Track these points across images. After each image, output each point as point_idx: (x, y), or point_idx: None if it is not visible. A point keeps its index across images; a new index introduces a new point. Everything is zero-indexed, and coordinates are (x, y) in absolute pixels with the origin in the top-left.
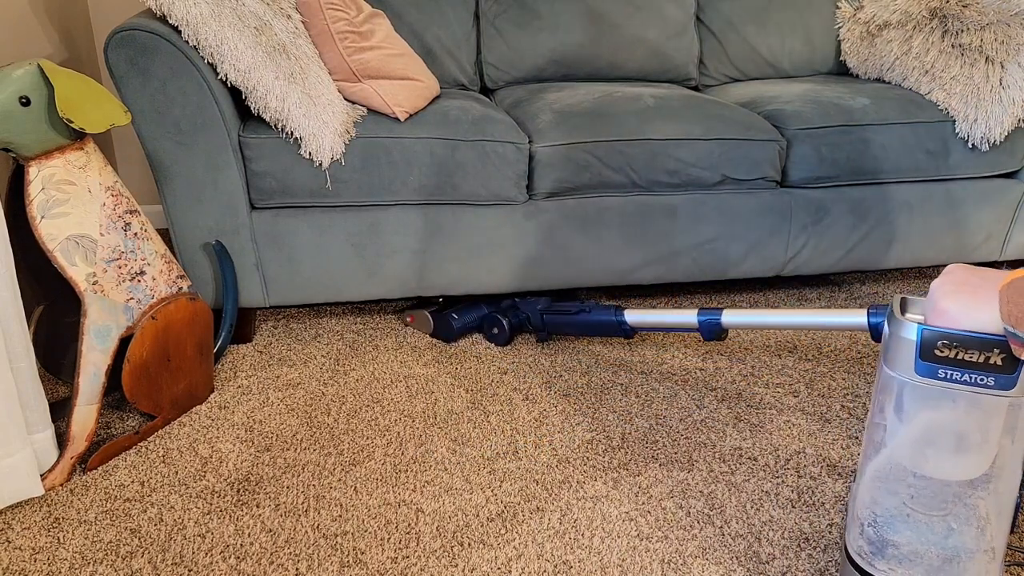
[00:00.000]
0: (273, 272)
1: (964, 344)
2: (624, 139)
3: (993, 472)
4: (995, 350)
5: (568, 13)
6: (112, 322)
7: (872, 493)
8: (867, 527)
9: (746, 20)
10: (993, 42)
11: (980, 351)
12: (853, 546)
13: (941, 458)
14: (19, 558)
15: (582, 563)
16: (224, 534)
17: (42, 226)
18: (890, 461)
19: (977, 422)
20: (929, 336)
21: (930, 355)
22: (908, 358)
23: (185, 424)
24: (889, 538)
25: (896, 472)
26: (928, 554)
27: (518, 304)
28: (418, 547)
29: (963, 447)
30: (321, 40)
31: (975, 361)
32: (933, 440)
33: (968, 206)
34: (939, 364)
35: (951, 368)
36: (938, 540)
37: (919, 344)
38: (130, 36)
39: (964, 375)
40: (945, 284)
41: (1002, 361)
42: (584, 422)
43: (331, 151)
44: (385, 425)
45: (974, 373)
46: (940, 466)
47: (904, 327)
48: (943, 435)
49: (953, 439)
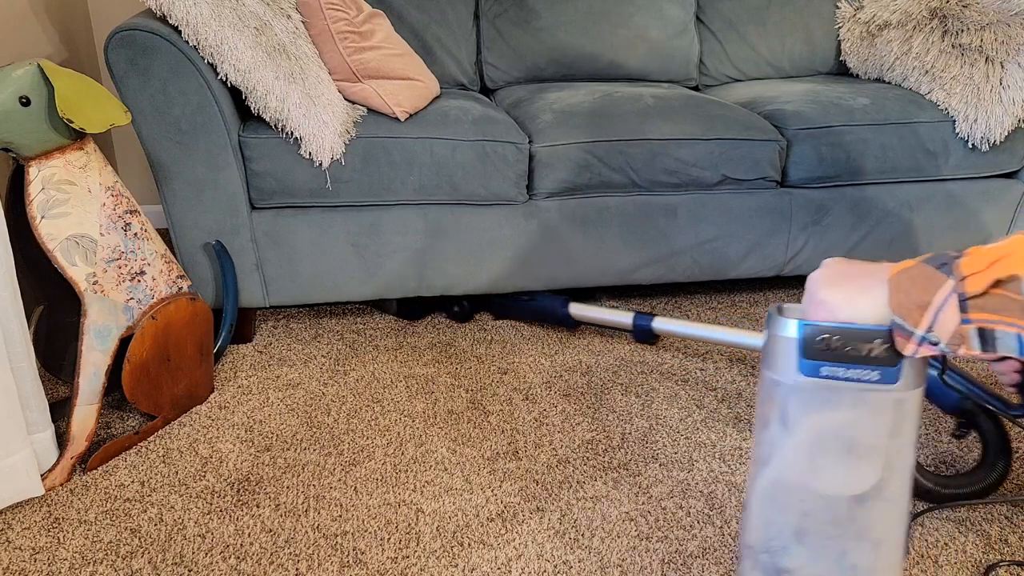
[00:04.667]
0: (273, 272)
1: (845, 337)
2: (624, 139)
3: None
4: (877, 341)
5: (568, 13)
6: (112, 322)
7: (762, 516)
8: (761, 555)
9: (746, 20)
10: (993, 42)
11: (862, 343)
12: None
13: (832, 470)
14: (19, 558)
15: (582, 563)
16: (224, 534)
17: (42, 226)
18: (778, 478)
19: (865, 425)
20: (810, 331)
21: (812, 351)
22: (790, 358)
23: (185, 424)
24: (784, 565)
25: (785, 489)
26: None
27: None
28: (418, 547)
29: (853, 455)
30: (321, 40)
31: (858, 355)
32: (822, 449)
33: (968, 206)
34: (822, 361)
35: (834, 364)
36: (835, 561)
37: (801, 341)
38: (130, 36)
39: (849, 370)
40: (823, 275)
41: (884, 353)
42: (584, 422)
43: (331, 151)
44: (385, 425)
45: (857, 368)
46: (832, 479)
47: (783, 324)
48: (832, 443)
49: (842, 447)
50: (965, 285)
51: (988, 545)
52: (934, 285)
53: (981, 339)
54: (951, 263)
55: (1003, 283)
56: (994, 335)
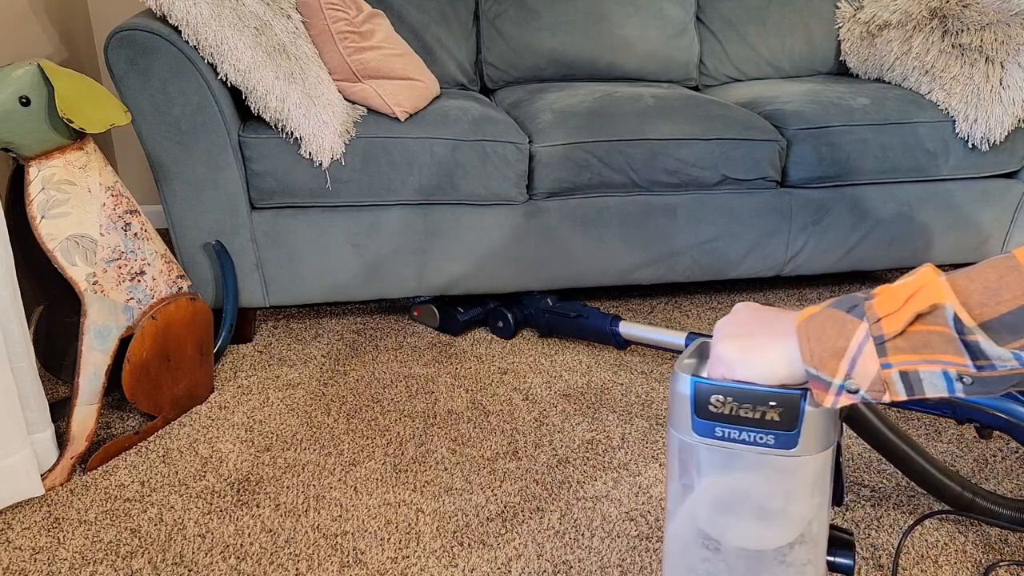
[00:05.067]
0: (273, 272)
1: (738, 398)
2: (624, 139)
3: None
4: (771, 404)
5: (568, 13)
6: (112, 322)
7: (673, 568)
8: None
9: (746, 20)
10: (993, 42)
11: (755, 406)
12: None
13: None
14: (19, 558)
15: (582, 563)
16: (224, 534)
17: (42, 226)
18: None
19: (763, 489)
20: (702, 389)
21: (704, 412)
22: (685, 415)
23: (185, 424)
24: None
25: (687, 545)
26: None
27: (523, 300)
28: (418, 547)
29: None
30: (321, 40)
31: (752, 417)
32: (719, 509)
33: (968, 206)
34: (715, 421)
35: (728, 426)
36: None
37: (692, 399)
38: (130, 36)
39: (743, 433)
40: (725, 325)
41: (780, 416)
42: (584, 422)
43: (331, 151)
44: (385, 425)
45: (753, 431)
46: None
47: (678, 380)
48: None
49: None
50: (882, 326)
51: (988, 545)
52: (848, 330)
53: (905, 383)
54: (862, 304)
55: (923, 316)
56: (918, 376)
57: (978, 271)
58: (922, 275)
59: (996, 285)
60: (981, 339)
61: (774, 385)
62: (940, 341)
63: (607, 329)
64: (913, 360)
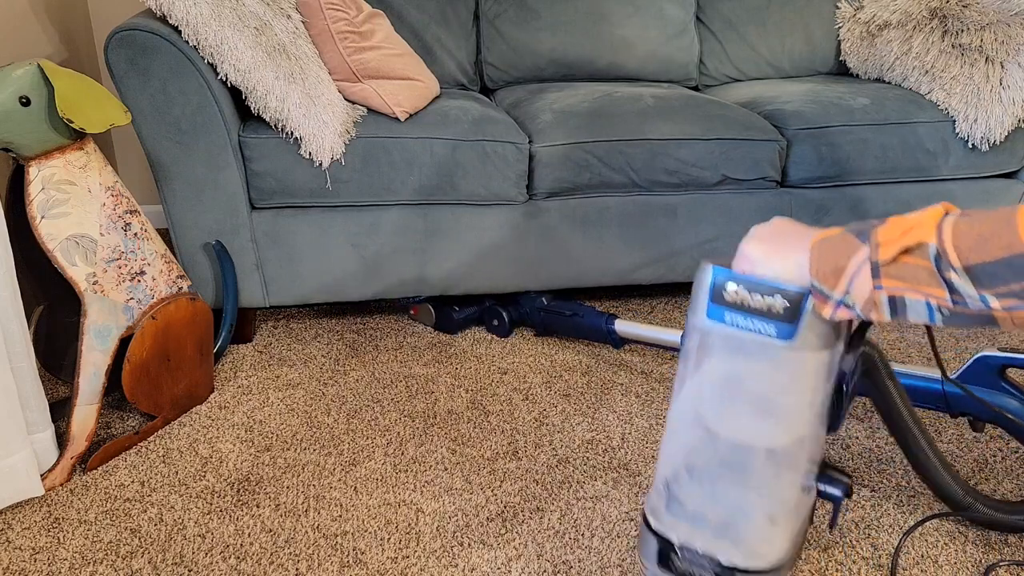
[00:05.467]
0: (273, 272)
1: (751, 288)
2: (624, 139)
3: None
4: (778, 297)
5: (568, 13)
6: (112, 322)
7: (669, 446)
8: (661, 485)
9: (746, 20)
10: (993, 42)
11: (764, 296)
12: (649, 505)
13: (723, 413)
14: (19, 558)
15: (582, 563)
16: (224, 534)
17: (42, 226)
18: (680, 411)
19: (758, 376)
20: (720, 278)
21: (719, 298)
22: (703, 301)
23: (185, 424)
24: (677, 494)
25: (684, 423)
26: (710, 514)
27: (519, 299)
28: (418, 547)
29: (745, 404)
30: (321, 40)
31: (759, 308)
32: (717, 392)
33: (968, 206)
34: (726, 307)
35: (737, 313)
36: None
37: (711, 286)
38: (130, 36)
39: (748, 320)
40: (759, 230)
41: (784, 310)
42: (584, 422)
43: (331, 151)
44: (385, 425)
45: (757, 319)
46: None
47: (703, 270)
48: (727, 388)
49: (736, 394)
50: (878, 252)
51: (988, 545)
52: (851, 251)
53: (892, 306)
54: (870, 230)
55: (912, 251)
56: (905, 302)
57: (980, 219)
58: (928, 213)
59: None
60: (956, 278)
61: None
62: (926, 274)
63: (603, 327)
64: (901, 287)
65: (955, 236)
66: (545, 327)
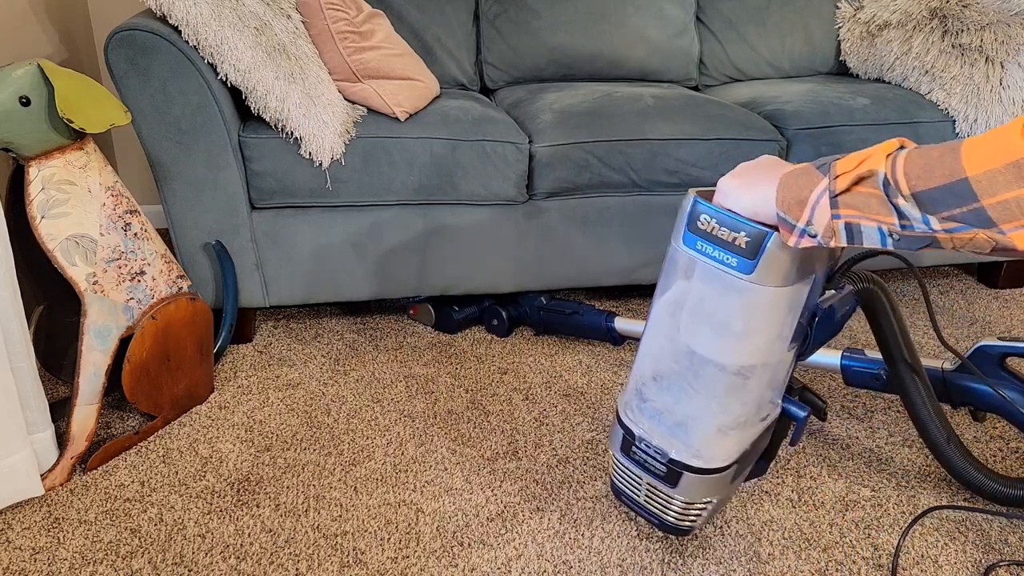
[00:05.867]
0: (273, 272)
1: (720, 221)
2: (624, 139)
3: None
4: (742, 232)
5: (568, 13)
6: (112, 322)
7: (642, 348)
8: (631, 381)
9: (746, 20)
10: (993, 42)
11: (731, 231)
12: (622, 400)
13: (684, 329)
14: (19, 558)
15: (582, 563)
16: (224, 534)
17: (42, 226)
18: (656, 320)
19: (717, 302)
20: (697, 209)
21: (694, 227)
22: (681, 227)
23: (185, 424)
24: (642, 391)
25: (653, 334)
26: (667, 413)
27: (519, 298)
28: (418, 547)
29: (716, 326)
30: (321, 40)
31: (725, 240)
32: (692, 310)
33: None
34: (698, 236)
35: (706, 242)
36: (674, 403)
37: (688, 214)
38: (130, 36)
39: (715, 250)
40: (741, 165)
41: (746, 245)
42: (584, 422)
43: (331, 151)
44: (385, 425)
45: (723, 251)
46: (683, 336)
47: (686, 198)
48: (699, 308)
49: (707, 315)
50: (836, 184)
51: (988, 545)
52: (812, 183)
53: (848, 232)
54: (828, 163)
55: (865, 179)
56: (860, 229)
57: (929, 150)
58: (882, 145)
59: (934, 163)
60: (902, 203)
61: (755, 221)
62: (876, 202)
63: (603, 325)
64: (855, 215)
65: (906, 164)
66: (545, 326)
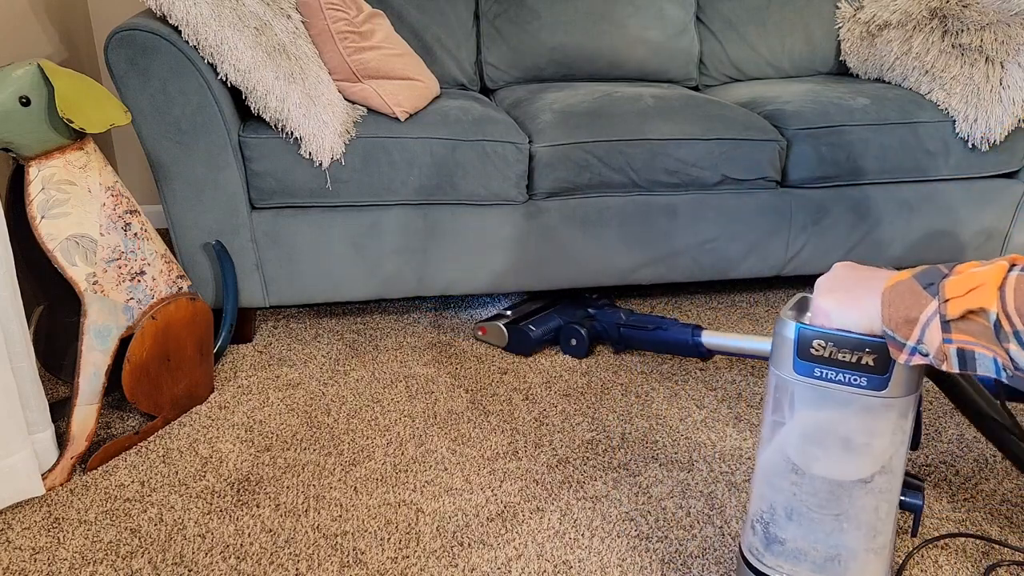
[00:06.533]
0: (273, 272)
1: (838, 344)
2: (624, 139)
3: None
4: (867, 350)
5: (568, 13)
6: (112, 322)
7: (762, 489)
8: (757, 524)
9: (746, 20)
10: (993, 42)
11: (853, 351)
12: (746, 543)
13: (819, 459)
14: (19, 558)
15: (582, 563)
16: (224, 534)
17: (42, 226)
18: (773, 459)
19: (853, 424)
20: (805, 335)
21: (806, 354)
22: (788, 356)
23: (185, 424)
24: (776, 534)
25: (779, 470)
26: (812, 551)
27: (595, 315)
28: (418, 547)
29: (841, 449)
30: (321, 40)
31: (848, 361)
32: (812, 440)
33: (968, 206)
34: (815, 363)
35: (826, 367)
36: (821, 538)
37: (796, 342)
38: (130, 36)
39: (839, 375)
40: (826, 281)
41: (874, 362)
42: (584, 422)
43: (331, 151)
44: (385, 425)
45: (848, 373)
46: (819, 467)
47: (784, 326)
48: (821, 436)
49: (831, 440)
50: (947, 308)
51: (988, 545)
52: (920, 304)
53: (960, 359)
54: (938, 283)
55: (975, 312)
56: (973, 356)
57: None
58: (990, 271)
59: None
60: (1013, 349)
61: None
62: (989, 336)
63: (689, 340)
64: (970, 342)
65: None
66: (625, 343)
